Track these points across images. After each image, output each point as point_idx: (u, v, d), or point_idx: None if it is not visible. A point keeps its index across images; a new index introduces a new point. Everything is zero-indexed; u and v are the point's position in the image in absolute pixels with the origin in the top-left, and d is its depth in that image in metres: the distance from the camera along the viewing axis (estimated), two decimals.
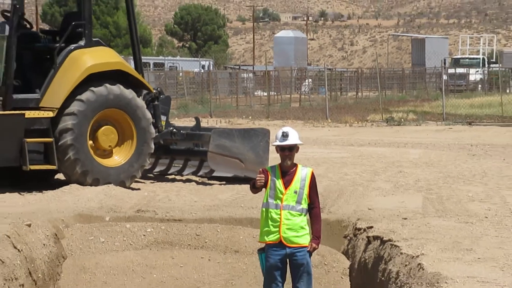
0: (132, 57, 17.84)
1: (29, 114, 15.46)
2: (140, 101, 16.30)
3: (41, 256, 11.37)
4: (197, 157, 17.49)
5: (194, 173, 17.49)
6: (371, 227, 11.56)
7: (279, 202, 9.62)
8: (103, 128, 16.00)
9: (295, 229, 9.64)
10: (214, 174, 17.12)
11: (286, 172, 9.67)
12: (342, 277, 11.98)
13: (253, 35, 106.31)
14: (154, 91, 17.11)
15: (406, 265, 9.23)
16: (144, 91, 16.82)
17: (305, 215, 9.70)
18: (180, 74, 61.29)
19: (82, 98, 15.66)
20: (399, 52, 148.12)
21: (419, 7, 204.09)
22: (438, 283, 8.03)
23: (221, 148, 16.64)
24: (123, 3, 60.50)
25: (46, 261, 11.49)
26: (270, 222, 9.69)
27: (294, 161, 9.71)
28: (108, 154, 16.14)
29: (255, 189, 9.75)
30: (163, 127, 17.09)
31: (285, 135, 9.65)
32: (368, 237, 11.34)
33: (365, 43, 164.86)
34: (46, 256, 11.52)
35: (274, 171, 9.72)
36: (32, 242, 11.31)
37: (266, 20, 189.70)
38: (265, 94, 52.05)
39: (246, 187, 10.14)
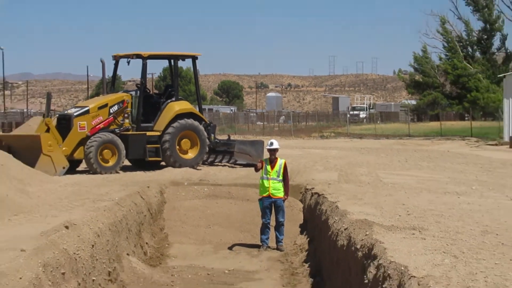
0: (197, 106, 17.84)
1: (148, 133, 15.49)
2: (201, 127, 16.26)
3: (154, 201, 11.39)
4: (229, 154, 17.45)
5: (227, 162, 17.43)
6: (313, 188, 11.54)
7: (268, 175, 9.68)
8: (183, 140, 15.96)
9: (277, 189, 9.69)
10: (237, 162, 17.08)
11: (272, 161, 9.73)
12: (299, 212, 11.98)
13: (256, 95, 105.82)
14: (208, 122, 17.10)
15: (330, 206, 9.23)
16: (203, 122, 16.81)
17: (281, 182, 9.75)
18: (220, 114, 61.19)
19: (173, 125, 15.68)
20: (326, 103, 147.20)
21: (336, 81, 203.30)
22: (345, 214, 8.04)
23: (240, 149, 16.67)
24: (193, 79, 60.50)
25: (156, 204, 11.52)
26: (264, 186, 9.75)
27: (276, 156, 9.78)
28: (186, 152, 16.13)
29: (256, 170, 9.84)
30: (212, 139, 17.09)
31: (271, 143, 9.72)
32: (312, 193, 11.33)
33: (309, 99, 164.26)
34: (156, 202, 11.56)
35: (266, 161, 9.78)
36: (150, 195, 11.33)
37: (262, 87, 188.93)
38: (261, 123, 51.91)
39: (252, 169, 10.12)
